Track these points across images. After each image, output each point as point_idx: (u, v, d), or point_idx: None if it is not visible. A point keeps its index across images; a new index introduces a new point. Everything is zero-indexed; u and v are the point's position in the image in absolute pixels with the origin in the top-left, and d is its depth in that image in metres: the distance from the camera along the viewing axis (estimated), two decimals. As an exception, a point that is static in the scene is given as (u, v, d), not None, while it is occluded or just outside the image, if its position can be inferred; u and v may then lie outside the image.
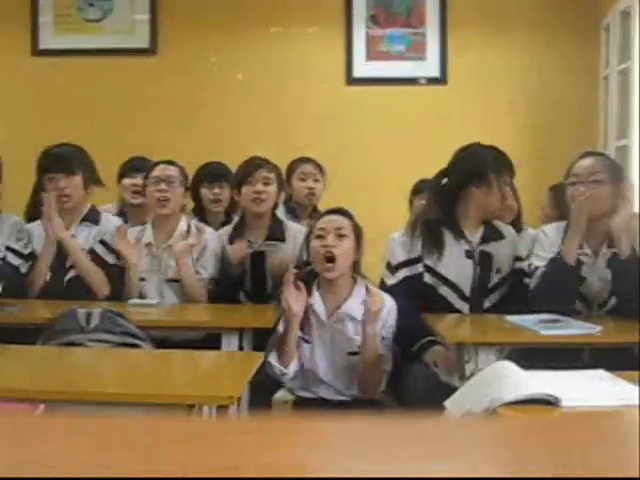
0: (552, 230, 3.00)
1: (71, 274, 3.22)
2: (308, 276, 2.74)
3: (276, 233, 3.36)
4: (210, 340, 2.84)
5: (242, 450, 0.52)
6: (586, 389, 1.75)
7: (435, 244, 3.01)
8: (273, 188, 3.33)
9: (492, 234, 3.08)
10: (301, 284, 2.66)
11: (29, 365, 2.13)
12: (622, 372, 1.82)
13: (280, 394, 2.77)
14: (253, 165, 3.34)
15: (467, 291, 3.01)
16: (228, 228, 3.44)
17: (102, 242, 3.27)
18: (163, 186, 3.25)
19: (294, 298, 2.63)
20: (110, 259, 3.24)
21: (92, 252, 3.25)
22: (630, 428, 0.58)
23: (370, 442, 0.54)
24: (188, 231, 3.28)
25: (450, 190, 3.10)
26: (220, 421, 0.63)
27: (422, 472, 0.47)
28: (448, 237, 3.04)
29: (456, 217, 3.06)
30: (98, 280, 3.20)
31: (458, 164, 3.10)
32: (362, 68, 5.06)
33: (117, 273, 3.22)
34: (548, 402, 1.63)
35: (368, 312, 2.61)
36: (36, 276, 3.18)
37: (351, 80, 5.07)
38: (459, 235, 3.04)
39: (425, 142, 4.77)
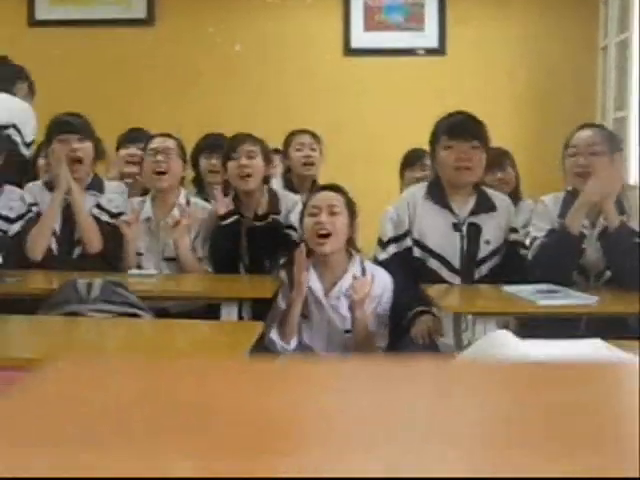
0: (551, 201, 3.00)
1: (79, 250, 3.22)
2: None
3: (270, 207, 3.32)
4: (209, 311, 2.85)
5: (240, 391, 0.54)
6: (584, 357, 1.77)
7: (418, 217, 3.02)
8: (258, 161, 3.22)
9: (483, 205, 3.03)
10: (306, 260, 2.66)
11: (31, 335, 2.15)
12: (618, 341, 1.84)
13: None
14: (236, 140, 3.27)
15: (456, 263, 2.99)
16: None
17: (98, 205, 3.27)
18: (160, 157, 3.23)
19: (304, 274, 2.64)
20: (105, 218, 3.25)
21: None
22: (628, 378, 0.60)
23: (364, 383, 0.56)
24: (188, 205, 3.27)
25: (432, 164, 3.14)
26: (219, 363, 0.65)
27: (413, 410, 0.49)
28: (434, 209, 3.02)
29: (441, 189, 3.06)
30: (92, 235, 3.20)
31: None
32: (360, 39, 5.04)
33: (110, 231, 3.22)
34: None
35: (353, 299, 2.63)
36: (39, 234, 3.14)
37: (349, 51, 5.05)
38: (444, 207, 3.02)
39: (423, 113, 4.72)
